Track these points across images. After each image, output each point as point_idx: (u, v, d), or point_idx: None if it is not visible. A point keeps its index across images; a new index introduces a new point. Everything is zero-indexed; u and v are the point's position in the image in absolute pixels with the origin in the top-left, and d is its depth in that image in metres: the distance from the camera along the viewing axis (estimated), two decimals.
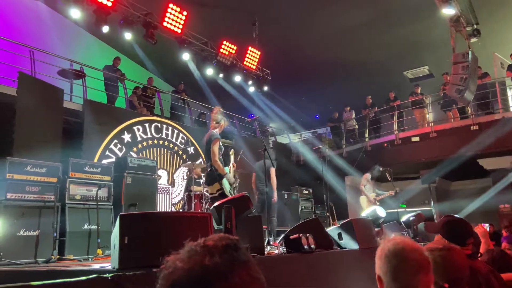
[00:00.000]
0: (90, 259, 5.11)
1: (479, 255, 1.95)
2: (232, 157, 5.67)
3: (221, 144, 5.07)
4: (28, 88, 6.36)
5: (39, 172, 5.13)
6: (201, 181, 7.97)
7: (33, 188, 5.03)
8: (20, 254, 4.73)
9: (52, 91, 6.87)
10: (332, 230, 4.35)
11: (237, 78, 11.23)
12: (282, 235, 3.84)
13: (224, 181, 4.89)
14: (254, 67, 11.44)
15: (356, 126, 12.99)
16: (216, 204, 3.41)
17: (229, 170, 5.11)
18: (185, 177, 8.96)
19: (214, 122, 5.19)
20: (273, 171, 7.35)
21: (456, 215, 2.30)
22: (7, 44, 7.08)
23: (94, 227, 5.46)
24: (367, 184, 8.45)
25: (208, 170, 5.03)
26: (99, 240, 5.30)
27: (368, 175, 8.54)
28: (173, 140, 9.35)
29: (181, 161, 9.35)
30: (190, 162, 8.42)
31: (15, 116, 5.95)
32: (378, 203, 8.10)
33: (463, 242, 2.09)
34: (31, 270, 3.73)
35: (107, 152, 7.69)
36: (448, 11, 8.82)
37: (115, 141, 7.93)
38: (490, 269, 1.76)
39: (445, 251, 1.66)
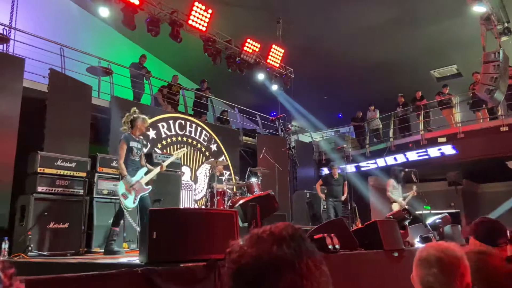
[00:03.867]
0: None
1: None
2: (172, 157, 5.58)
3: (133, 145, 4.96)
4: (59, 85, 6.56)
5: (68, 166, 5.29)
6: (223, 178, 8.03)
7: (62, 182, 5.19)
8: (49, 246, 4.89)
9: (81, 87, 7.05)
10: (356, 231, 4.30)
11: (260, 76, 11.24)
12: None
13: (120, 182, 4.80)
14: (278, 65, 11.42)
15: (381, 126, 12.77)
16: (241, 202, 3.43)
17: (141, 173, 4.99)
18: (208, 174, 9.05)
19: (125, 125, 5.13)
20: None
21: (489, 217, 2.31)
22: (39, 42, 7.29)
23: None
24: (393, 190, 8.20)
25: None
26: (125, 234, 5.42)
27: (392, 181, 8.29)
28: (196, 137, 9.45)
29: (204, 158, 9.45)
30: (212, 159, 8.50)
31: (46, 111, 6.15)
32: (407, 206, 7.90)
33: (494, 242, 2.09)
34: (61, 262, 3.85)
35: None
36: (479, 9, 8.58)
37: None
38: None
39: (480, 254, 1.64)
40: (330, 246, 3.47)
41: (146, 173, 5.04)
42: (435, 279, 1.32)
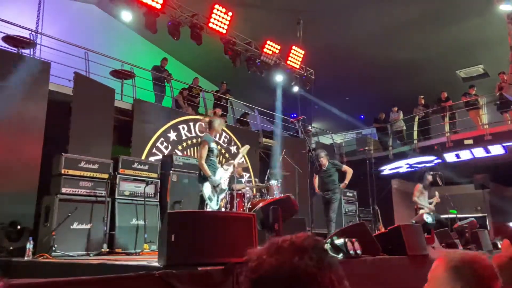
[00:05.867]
0: (137, 254, 5.28)
1: None
2: (239, 155, 5.83)
3: (213, 146, 5.09)
4: (83, 88, 6.69)
5: (91, 168, 5.38)
6: (243, 180, 8.02)
7: (86, 183, 5.28)
8: (73, 246, 4.98)
9: (105, 90, 7.17)
10: (379, 236, 4.20)
11: (280, 78, 11.19)
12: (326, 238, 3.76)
13: (206, 184, 4.89)
14: (298, 66, 11.34)
15: (404, 128, 12.51)
16: (261, 205, 3.40)
17: (221, 173, 5.12)
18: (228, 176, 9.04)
19: (205, 127, 5.31)
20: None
21: None
22: (64, 46, 7.46)
23: (141, 222, 5.64)
24: (420, 195, 7.93)
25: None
26: (146, 235, 5.47)
27: (420, 186, 8.00)
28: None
29: (223, 160, 9.45)
30: (232, 161, 8.50)
31: (71, 114, 6.28)
32: (432, 213, 7.65)
33: None
34: (83, 263, 3.91)
35: (154, 150, 7.92)
36: (506, 8, 8.34)
37: (162, 139, 8.15)
38: None
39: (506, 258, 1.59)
40: (351, 251, 3.39)
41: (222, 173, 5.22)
42: (472, 282, 1.25)
